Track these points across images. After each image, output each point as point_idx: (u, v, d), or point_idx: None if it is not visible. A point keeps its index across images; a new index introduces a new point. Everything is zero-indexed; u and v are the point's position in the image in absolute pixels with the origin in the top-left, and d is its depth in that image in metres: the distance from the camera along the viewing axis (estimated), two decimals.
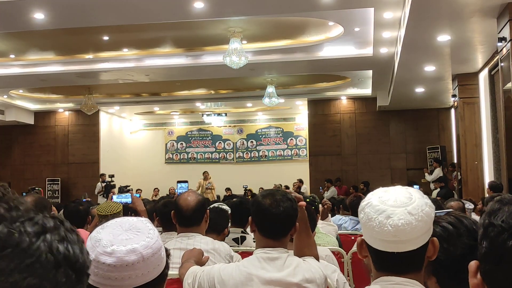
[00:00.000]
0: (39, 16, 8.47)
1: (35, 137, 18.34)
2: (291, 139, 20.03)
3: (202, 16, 8.75)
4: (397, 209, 1.53)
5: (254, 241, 3.76)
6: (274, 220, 2.30)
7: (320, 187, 15.71)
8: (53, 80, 13.50)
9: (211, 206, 4.61)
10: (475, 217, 5.26)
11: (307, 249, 2.46)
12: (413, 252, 1.54)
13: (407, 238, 1.52)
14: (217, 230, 3.75)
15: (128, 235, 1.42)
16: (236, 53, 10.26)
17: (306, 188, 16.60)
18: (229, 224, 4.29)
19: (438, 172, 14.07)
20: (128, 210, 4.38)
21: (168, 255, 1.51)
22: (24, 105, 17.34)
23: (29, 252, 0.80)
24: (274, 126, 20.32)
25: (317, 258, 2.48)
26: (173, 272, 2.83)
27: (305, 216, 2.46)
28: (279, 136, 20.20)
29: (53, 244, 0.83)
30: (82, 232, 3.17)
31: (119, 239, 1.40)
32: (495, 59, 8.77)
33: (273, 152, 20.19)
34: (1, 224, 0.82)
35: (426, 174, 14.73)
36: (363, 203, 1.59)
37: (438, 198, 10.40)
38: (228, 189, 17.69)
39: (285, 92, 15.72)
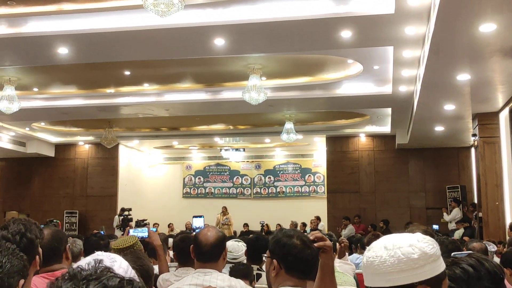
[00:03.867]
0: (63, 50, 8.66)
1: (55, 169, 18.51)
2: (309, 175, 19.96)
3: (222, 53, 8.86)
4: (376, 244, 1.54)
5: None
6: (310, 259, 2.28)
7: (338, 227, 15.54)
8: (74, 113, 13.70)
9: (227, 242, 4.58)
10: (497, 259, 5.15)
11: None
12: None
13: (377, 271, 1.48)
14: None
15: None
16: (255, 89, 10.32)
17: (323, 225, 16.45)
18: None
19: (456, 212, 13.88)
20: (145, 245, 4.36)
21: None
22: (45, 137, 17.57)
23: None
24: (292, 162, 20.29)
25: None
26: None
27: (332, 259, 2.41)
28: (297, 172, 20.15)
29: None
30: None
31: None
32: None
33: (291, 189, 20.11)
34: (71, 281, 0.96)
35: (444, 214, 14.54)
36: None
37: (466, 238, 10.25)
38: (246, 225, 17.60)
39: (303, 129, 15.74)
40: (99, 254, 1.60)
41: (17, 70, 10.75)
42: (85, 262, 1.40)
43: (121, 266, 1.52)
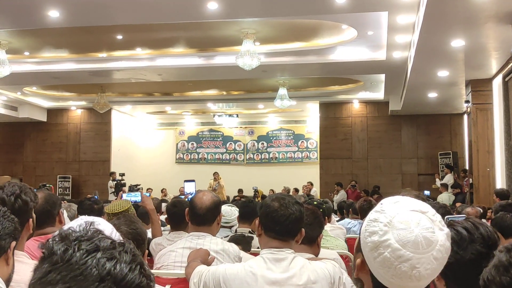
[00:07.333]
0: (53, 13, 8.53)
1: (48, 134, 18.46)
2: (302, 141, 19.99)
3: (216, 17, 8.76)
4: (423, 257, 1.35)
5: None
6: (282, 221, 2.31)
7: (330, 192, 15.65)
8: (66, 78, 13.58)
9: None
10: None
11: None
12: None
13: (428, 281, 1.40)
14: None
15: None
16: (249, 55, 10.25)
17: (316, 191, 16.56)
18: (237, 224, 4.30)
19: (449, 178, 13.98)
20: (136, 209, 4.39)
21: None
22: (37, 102, 17.46)
23: (76, 266, 0.93)
24: (285, 128, 20.30)
25: None
26: (180, 271, 2.84)
27: None
28: (290, 138, 20.18)
29: (101, 261, 0.94)
30: None
31: None
32: (510, 66, 8.72)
33: (284, 155, 20.16)
34: (63, 242, 0.96)
35: (437, 179, 14.65)
36: (378, 237, 1.38)
37: (457, 204, 10.33)
38: (240, 191, 17.69)
39: (297, 95, 15.70)
40: (82, 218, 1.60)
41: (8, 34, 10.59)
42: (76, 224, 1.40)
43: (105, 229, 1.52)
